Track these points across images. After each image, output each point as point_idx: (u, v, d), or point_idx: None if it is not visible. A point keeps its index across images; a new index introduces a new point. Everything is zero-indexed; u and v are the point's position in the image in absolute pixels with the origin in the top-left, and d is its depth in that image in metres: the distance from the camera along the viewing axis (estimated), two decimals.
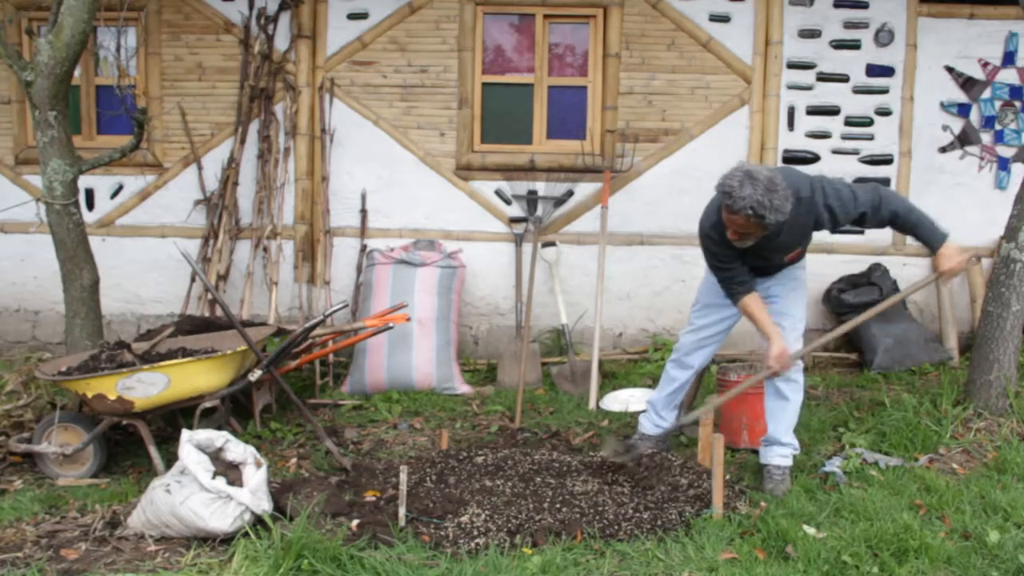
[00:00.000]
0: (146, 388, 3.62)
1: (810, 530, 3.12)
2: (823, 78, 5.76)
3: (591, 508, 3.22)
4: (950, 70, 5.78)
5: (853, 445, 4.02)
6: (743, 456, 4.04)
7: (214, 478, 3.15)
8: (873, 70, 5.75)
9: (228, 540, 3.09)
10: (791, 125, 5.79)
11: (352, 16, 5.76)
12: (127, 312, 5.95)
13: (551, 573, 2.81)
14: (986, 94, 5.78)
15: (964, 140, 5.83)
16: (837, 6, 5.72)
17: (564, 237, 5.83)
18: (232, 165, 5.71)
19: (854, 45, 5.74)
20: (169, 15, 5.78)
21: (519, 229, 5.79)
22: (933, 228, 3.38)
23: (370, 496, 3.47)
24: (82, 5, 4.04)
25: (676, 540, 3.07)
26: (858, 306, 5.60)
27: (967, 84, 5.78)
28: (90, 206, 5.86)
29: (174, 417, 4.21)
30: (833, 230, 3.49)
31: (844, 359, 5.75)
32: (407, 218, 5.85)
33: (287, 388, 3.96)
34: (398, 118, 5.81)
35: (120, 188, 5.91)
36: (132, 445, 4.12)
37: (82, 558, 2.99)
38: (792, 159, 5.77)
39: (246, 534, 3.07)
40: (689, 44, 5.72)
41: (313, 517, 3.08)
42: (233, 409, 4.33)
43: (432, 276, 5.37)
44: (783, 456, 3.67)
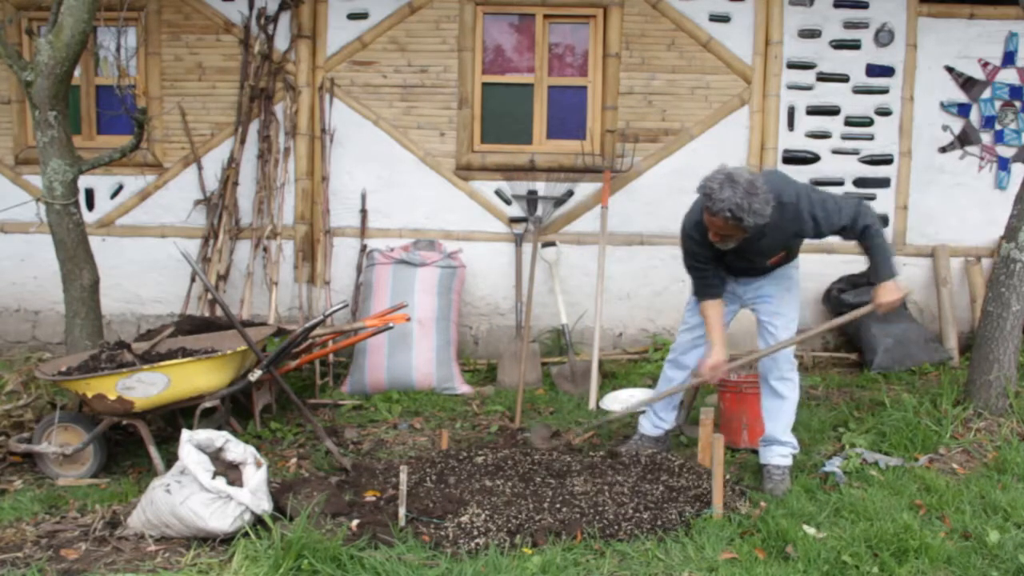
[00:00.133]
0: (146, 388, 3.62)
1: (810, 530, 3.12)
2: (823, 78, 5.76)
3: (591, 508, 3.22)
4: (950, 70, 5.78)
5: (853, 445, 4.02)
6: (743, 456, 4.04)
7: (214, 478, 3.15)
8: (873, 70, 5.75)
9: (228, 540, 3.09)
10: (791, 125, 5.79)
11: (352, 16, 5.76)
12: (127, 312, 5.95)
13: (551, 573, 2.81)
14: (986, 94, 5.78)
15: (964, 140, 5.83)
16: (837, 6, 5.72)
17: (564, 237, 5.83)
18: (232, 165, 5.72)
19: (854, 45, 5.74)
20: (169, 15, 5.78)
21: (519, 229, 5.79)
22: (889, 260, 3.47)
23: (370, 496, 3.47)
24: (82, 5, 4.04)
25: (676, 540, 3.07)
26: (858, 306, 5.58)
27: (967, 84, 5.78)
28: (90, 206, 5.86)
29: (174, 417, 4.20)
30: (815, 238, 3.54)
31: (844, 359, 5.75)
32: (407, 218, 5.85)
33: (287, 388, 3.96)
34: (398, 118, 5.81)
35: (120, 188, 5.91)
36: (132, 445, 4.12)
37: (82, 558, 2.99)
38: (792, 159, 5.78)
39: (246, 534, 3.07)
40: (689, 44, 5.72)
41: (313, 517, 3.08)
42: (233, 409, 4.33)
43: (432, 276, 5.37)
44: (782, 456, 3.67)
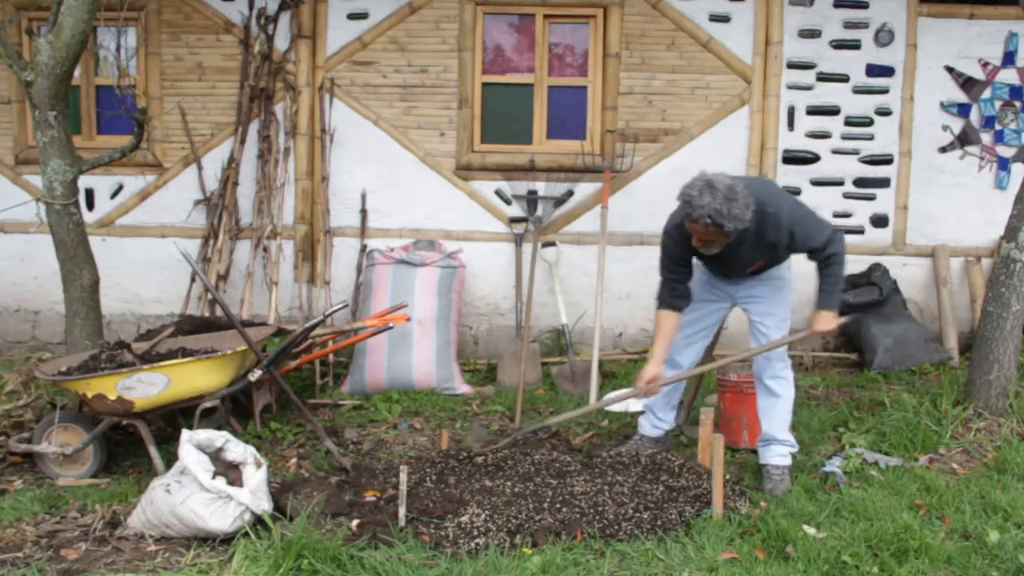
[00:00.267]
0: (146, 388, 3.62)
1: (810, 530, 3.12)
2: (823, 78, 5.76)
3: (591, 508, 3.21)
4: (950, 70, 5.78)
5: (853, 445, 4.02)
6: (743, 456, 4.04)
7: (214, 478, 3.15)
8: (873, 70, 5.75)
9: (228, 540, 3.09)
10: (791, 125, 5.79)
11: (352, 16, 5.75)
12: (127, 312, 5.95)
13: (551, 573, 2.81)
14: (986, 94, 5.78)
15: (964, 140, 5.83)
16: (837, 6, 5.72)
17: (564, 237, 5.83)
18: (232, 165, 5.71)
19: (854, 45, 5.74)
20: (169, 15, 5.78)
21: (519, 229, 5.79)
22: (839, 292, 3.55)
23: (370, 496, 3.47)
24: (82, 5, 4.04)
25: (676, 540, 3.07)
26: (858, 306, 5.60)
27: (967, 84, 5.78)
28: (90, 206, 5.86)
29: (174, 417, 4.20)
30: (786, 252, 3.56)
31: (844, 359, 5.75)
32: (407, 218, 5.85)
33: (287, 388, 3.96)
34: (398, 118, 5.81)
35: (120, 188, 5.91)
36: (132, 445, 4.12)
37: (82, 558, 2.99)
38: (792, 159, 5.78)
39: (246, 534, 3.07)
40: (689, 44, 5.72)
41: (313, 517, 3.08)
42: (233, 409, 4.33)
43: (432, 276, 5.37)
44: (782, 456, 3.68)
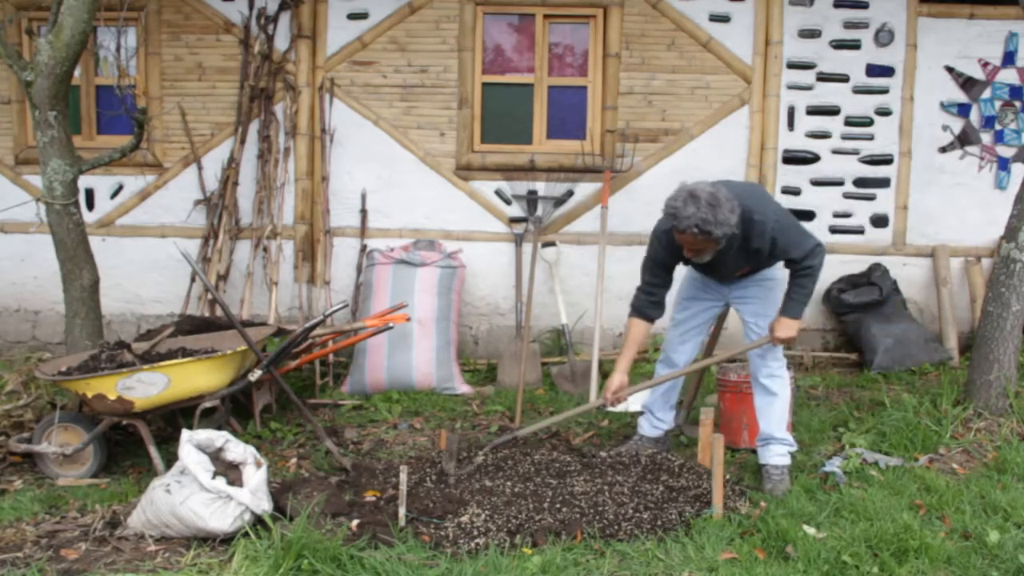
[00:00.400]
0: (146, 388, 3.62)
1: (810, 530, 3.12)
2: (823, 78, 5.76)
3: (591, 508, 3.22)
4: (950, 70, 5.78)
5: (853, 445, 4.02)
6: (743, 456, 4.04)
7: (214, 478, 3.15)
8: (873, 70, 5.75)
9: (228, 540, 3.09)
10: (791, 125, 5.78)
11: (352, 16, 5.75)
12: (127, 312, 5.95)
13: (551, 573, 2.81)
14: (986, 94, 5.78)
15: (964, 140, 5.83)
16: (837, 6, 5.72)
17: (564, 237, 5.83)
18: (232, 165, 5.71)
19: (854, 45, 5.74)
20: (169, 15, 5.78)
21: (519, 229, 5.79)
22: (805, 303, 3.60)
23: (370, 496, 3.47)
24: (82, 5, 4.04)
25: (676, 540, 3.07)
26: (858, 306, 5.61)
27: (967, 84, 5.78)
28: (90, 206, 5.86)
29: (174, 417, 4.20)
30: (768, 259, 3.58)
31: (844, 359, 5.75)
32: (407, 218, 5.85)
33: (287, 388, 3.95)
34: (398, 118, 5.81)
35: (120, 188, 5.91)
36: (132, 445, 4.12)
37: (82, 558, 2.99)
38: (792, 159, 5.78)
39: (246, 534, 3.07)
40: (689, 44, 5.72)
41: (313, 517, 3.08)
42: (233, 409, 4.33)
43: (432, 276, 5.37)
44: (781, 455, 3.68)
